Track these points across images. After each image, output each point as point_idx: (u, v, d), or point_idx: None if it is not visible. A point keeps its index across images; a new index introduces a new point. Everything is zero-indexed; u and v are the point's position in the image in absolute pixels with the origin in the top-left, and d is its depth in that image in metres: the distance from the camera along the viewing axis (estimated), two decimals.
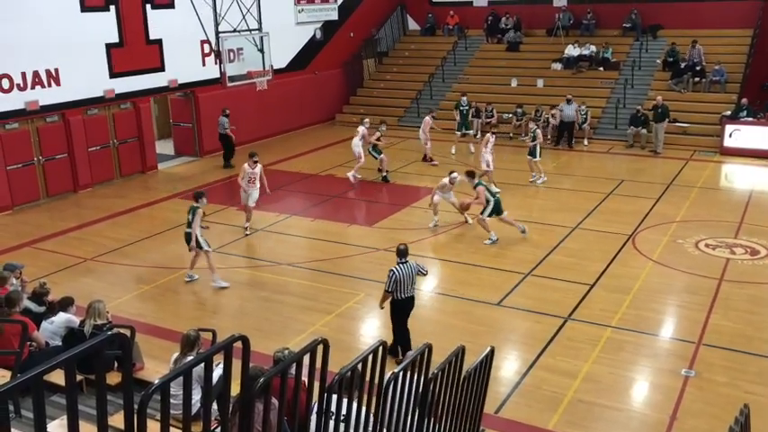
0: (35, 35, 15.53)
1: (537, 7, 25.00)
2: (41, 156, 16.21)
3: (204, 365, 2.99)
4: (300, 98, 23.47)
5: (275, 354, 6.08)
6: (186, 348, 6.32)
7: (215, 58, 17.72)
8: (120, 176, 18.08)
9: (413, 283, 8.71)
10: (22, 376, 2.35)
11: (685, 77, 21.57)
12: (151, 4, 18.28)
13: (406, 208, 15.39)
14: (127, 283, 11.79)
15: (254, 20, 16.50)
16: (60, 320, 7.40)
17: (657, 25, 23.79)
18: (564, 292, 10.84)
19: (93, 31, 16.89)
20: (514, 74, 24.15)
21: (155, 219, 15.05)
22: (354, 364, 4.00)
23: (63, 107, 16.48)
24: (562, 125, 20.65)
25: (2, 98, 15.21)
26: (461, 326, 9.83)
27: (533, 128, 17.30)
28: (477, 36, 26.51)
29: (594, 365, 8.67)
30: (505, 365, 8.79)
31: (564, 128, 20.67)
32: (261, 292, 11.21)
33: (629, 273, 11.51)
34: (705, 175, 17.53)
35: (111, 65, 17.49)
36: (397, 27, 28.24)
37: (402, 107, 24.73)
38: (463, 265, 12.10)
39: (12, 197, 15.58)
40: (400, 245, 8.87)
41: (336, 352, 4.70)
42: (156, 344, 9.03)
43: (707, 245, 12.67)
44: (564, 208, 14.98)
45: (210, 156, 20.44)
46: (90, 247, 13.24)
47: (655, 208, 14.86)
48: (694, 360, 8.74)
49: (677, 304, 10.53)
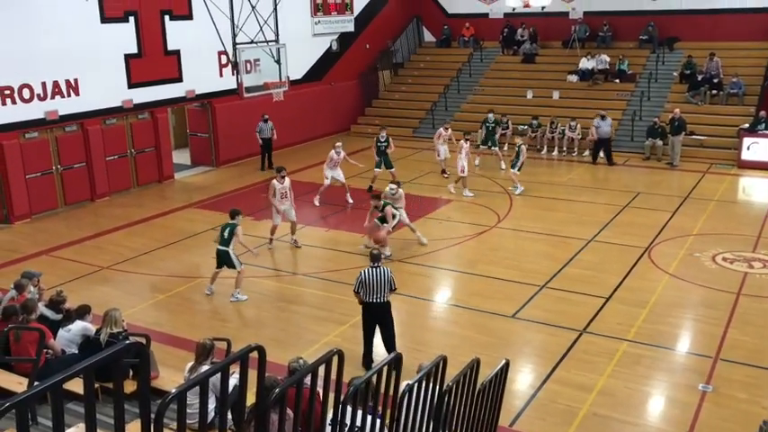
0: (56, 46, 15.74)
1: (553, 19, 24.99)
2: (60, 165, 16.38)
3: (221, 375, 3.00)
4: (316, 109, 23.57)
5: (290, 364, 6.10)
6: (201, 357, 6.34)
7: (232, 70, 17.85)
8: (136, 186, 18.23)
9: (383, 290, 8.68)
10: (41, 384, 2.37)
11: (702, 90, 21.45)
12: (170, 16, 18.48)
13: (421, 219, 15.37)
14: (142, 291, 11.86)
15: (272, 31, 16.62)
16: (77, 328, 7.45)
17: (674, 38, 23.71)
18: (579, 304, 10.77)
19: (113, 42, 17.10)
20: (530, 86, 24.12)
21: (170, 228, 15.14)
22: (369, 375, 3.99)
23: (82, 117, 16.67)
24: (599, 141, 19.93)
25: (22, 108, 15.41)
26: (476, 338, 9.79)
27: (519, 143, 17.09)
28: (493, 48, 26.53)
29: (610, 379, 8.59)
30: (520, 378, 8.74)
31: (601, 144, 19.94)
32: (275, 301, 11.24)
33: (646, 286, 11.42)
34: (722, 188, 17.39)
35: (130, 75, 17.68)
36: (412, 39, 28.33)
37: (417, 118, 24.77)
38: (478, 277, 12.06)
39: (30, 205, 15.75)
40: (373, 250, 9.21)
41: (350, 362, 4.69)
42: (171, 353, 9.07)
43: (724, 258, 12.55)
44: (580, 220, 14.91)
45: (226, 166, 20.57)
46: (106, 256, 13.34)
47: (671, 221, 14.76)
48: (712, 375, 8.65)
49: (694, 318, 10.43)
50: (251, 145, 20.64)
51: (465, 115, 23.99)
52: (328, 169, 16.34)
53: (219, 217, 15.54)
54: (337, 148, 16.28)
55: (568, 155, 21.19)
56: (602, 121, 19.86)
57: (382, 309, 8.77)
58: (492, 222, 14.95)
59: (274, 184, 13.18)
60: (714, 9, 23.03)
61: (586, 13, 24.95)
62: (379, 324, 8.85)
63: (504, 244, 13.86)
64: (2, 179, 15.33)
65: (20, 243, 14.25)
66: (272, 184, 13.29)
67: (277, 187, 13.16)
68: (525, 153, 17.03)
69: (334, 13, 24.32)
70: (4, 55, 14.84)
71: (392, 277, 8.72)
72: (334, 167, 16.32)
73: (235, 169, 20.31)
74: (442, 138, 18.55)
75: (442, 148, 18.57)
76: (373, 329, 8.88)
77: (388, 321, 8.85)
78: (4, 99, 15.07)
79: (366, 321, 8.89)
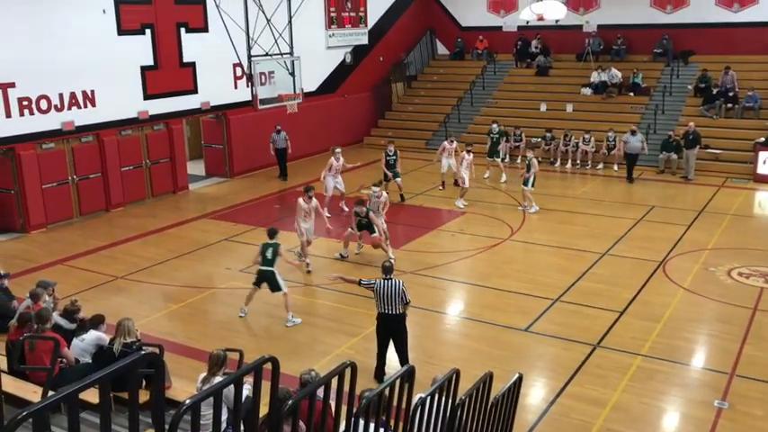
0: (73, 57, 15.93)
1: (566, 33, 24.99)
2: (75, 175, 16.53)
3: (234, 386, 3.01)
4: (330, 121, 23.67)
5: (302, 375, 6.09)
6: (215, 368, 6.36)
7: (247, 81, 17.94)
8: (151, 196, 18.35)
9: (396, 302, 8.67)
10: (58, 393, 2.39)
11: (717, 103, 21.35)
12: (185, 28, 18.66)
13: (433, 231, 15.37)
14: (156, 301, 11.91)
15: (286, 44, 16.72)
16: (91, 338, 7.49)
17: (689, 51, 23.64)
18: (593, 318, 10.71)
19: (129, 54, 17.28)
20: (543, 98, 24.12)
21: (184, 238, 15.22)
22: (382, 388, 3.99)
23: (98, 128, 16.83)
24: (628, 157, 19.52)
25: (40, 118, 15.59)
26: (488, 351, 9.74)
27: (530, 156, 16.57)
28: (507, 61, 26.56)
29: (624, 394, 8.52)
30: (533, 392, 8.68)
31: (631, 160, 19.49)
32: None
33: (660, 300, 11.34)
34: (738, 203, 17.26)
35: (146, 87, 17.86)
36: (426, 51, 28.43)
37: (430, 130, 24.81)
38: (490, 290, 12.02)
39: (46, 215, 15.89)
40: (385, 261, 9.16)
41: (362, 375, 4.69)
42: (183, 363, 9.09)
43: (740, 273, 12.44)
44: (593, 234, 14.84)
45: (240, 177, 20.67)
46: (121, 266, 13.42)
47: (686, 235, 14.65)
48: (727, 391, 8.55)
49: (709, 333, 10.33)
50: (265, 156, 20.74)
51: (478, 128, 23.97)
52: (329, 178, 16.25)
53: (233, 228, 15.67)
54: (337, 154, 16.22)
55: (582, 168, 21.13)
56: (631, 136, 19.41)
57: (396, 320, 8.75)
58: (505, 235, 14.91)
59: (301, 204, 12.91)
60: (729, 23, 22.97)
61: (600, 27, 24.94)
62: (393, 336, 8.83)
63: (517, 257, 13.82)
64: (19, 189, 15.49)
65: (35, 252, 14.37)
66: (298, 202, 13.01)
67: (303, 207, 12.88)
68: (537, 166, 16.44)
69: (348, 26, 24.46)
70: (23, 66, 15.03)
71: (404, 290, 8.70)
72: (335, 175, 16.28)
73: (249, 180, 20.41)
74: (447, 151, 18.35)
75: (445, 162, 18.37)
76: (387, 342, 8.87)
77: (401, 334, 8.84)
78: (22, 110, 15.25)
79: (380, 333, 8.88)
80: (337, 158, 16.19)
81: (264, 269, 10.64)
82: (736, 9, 22.93)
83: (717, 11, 23.16)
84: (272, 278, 10.63)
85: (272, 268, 10.61)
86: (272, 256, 10.61)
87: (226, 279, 12.75)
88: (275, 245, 10.71)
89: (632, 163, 19.51)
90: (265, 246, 10.72)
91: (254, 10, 15.77)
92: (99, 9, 16.47)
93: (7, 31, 14.67)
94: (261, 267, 10.67)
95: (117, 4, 16.82)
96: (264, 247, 10.70)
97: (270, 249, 10.64)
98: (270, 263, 10.61)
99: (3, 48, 14.64)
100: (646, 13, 24.21)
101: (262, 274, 10.69)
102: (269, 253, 10.62)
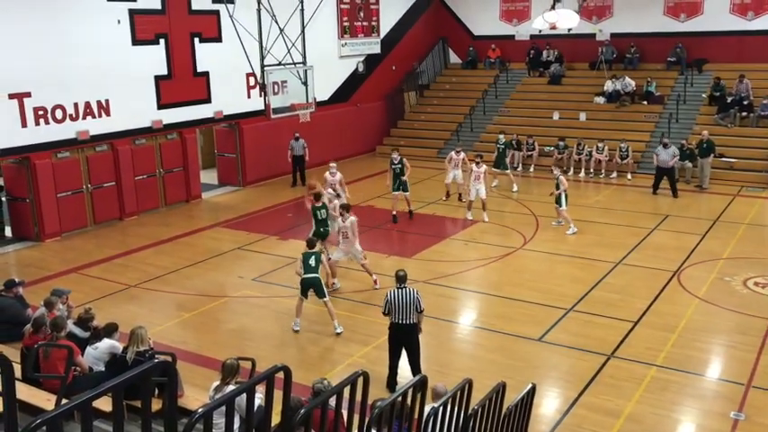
0: (88, 67, 16.09)
1: (579, 41, 24.96)
2: (90, 184, 16.65)
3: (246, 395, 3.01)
4: (342, 130, 23.74)
5: (314, 384, 6.09)
6: (228, 378, 6.36)
7: (260, 91, 18.07)
8: (164, 205, 18.45)
9: (410, 310, 8.64)
10: (72, 401, 2.39)
11: (732, 112, 21.23)
12: (199, 38, 18.80)
13: (445, 240, 15.34)
14: (169, 310, 11.95)
15: (299, 53, 16.82)
16: (104, 346, 7.52)
17: (703, 59, 23.53)
18: (607, 328, 10.63)
19: (143, 64, 17.43)
20: (556, 107, 24.08)
21: (198, 247, 15.28)
22: (394, 398, 3.97)
23: (112, 137, 16.96)
24: (659, 171, 18.77)
25: (55, 128, 15.73)
26: (501, 361, 9.69)
27: (556, 173, 15.75)
28: (519, 69, 26.56)
29: (638, 405, 8.44)
30: (546, 403, 8.62)
31: (661, 173, 18.76)
32: (300, 321, 11.23)
33: (675, 310, 11.24)
34: (753, 212, 17.11)
35: (160, 96, 17.99)
36: (438, 60, 28.48)
37: (442, 139, 24.81)
38: (503, 299, 11.97)
39: (60, 224, 16.00)
40: (399, 271, 8.96)
41: (374, 384, 4.67)
42: (196, 371, 9.10)
43: (756, 283, 12.32)
44: (607, 243, 14.75)
45: (253, 185, 20.76)
46: (134, 274, 13.49)
47: (701, 244, 14.54)
48: (744, 403, 8.45)
49: (725, 344, 10.22)
50: (277, 165, 20.82)
51: (491, 137, 23.92)
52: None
53: (246, 237, 15.71)
54: (331, 168, 15.47)
55: (595, 177, 21.05)
56: (663, 149, 18.76)
57: (409, 330, 8.73)
58: (518, 244, 14.86)
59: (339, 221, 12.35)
60: (743, 30, 22.85)
61: (613, 35, 24.90)
62: (405, 346, 8.80)
63: (529, 266, 13.76)
64: (34, 198, 15.62)
65: (50, 261, 14.48)
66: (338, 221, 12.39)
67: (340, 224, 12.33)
68: (565, 183, 15.50)
69: (361, 36, 24.56)
70: (39, 76, 15.19)
71: (418, 298, 8.68)
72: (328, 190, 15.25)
73: (261, 189, 20.48)
74: (453, 161, 17.84)
75: (452, 173, 17.81)
76: (399, 351, 8.84)
77: (414, 343, 8.81)
78: (38, 119, 15.40)
79: (392, 343, 8.85)
80: (332, 173, 15.41)
81: (310, 277, 10.73)
82: (750, 17, 22.81)
83: (731, 19, 23.05)
84: (318, 284, 10.77)
85: (317, 275, 10.75)
86: (315, 263, 10.77)
87: (238, 288, 12.78)
88: (317, 253, 10.92)
89: (660, 176, 18.74)
90: (307, 255, 10.84)
91: (268, 20, 15.88)
92: (114, 19, 16.63)
93: (23, 42, 14.85)
94: (305, 276, 10.75)
95: (131, 15, 16.98)
96: (307, 257, 10.82)
97: (312, 257, 10.80)
98: (314, 270, 10.74)
99: (18, 58, 14.80)
100: (659, 21, 24.15)
101: (307, 282, 10.76)
102: (312, 261, 10.76)
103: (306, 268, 10.71)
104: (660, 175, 18.81)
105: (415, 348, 8.82)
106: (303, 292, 10.81)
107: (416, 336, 8.81)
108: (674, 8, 23.96)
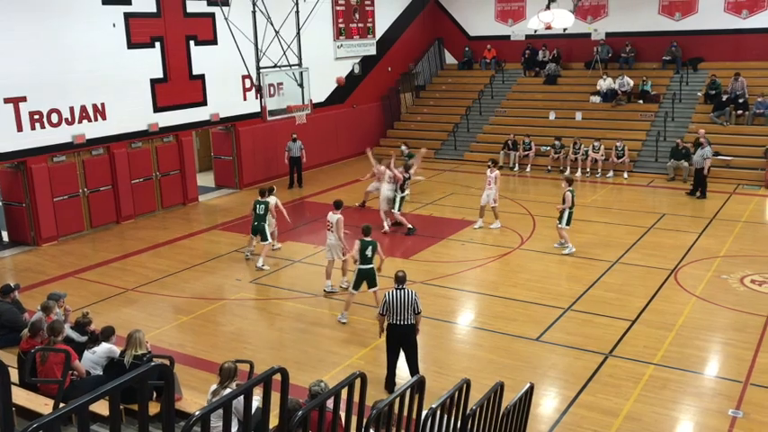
0: (84, 71, 16.07)
1: (575, 41, 25.02)
2: (86, 188, 16.62)
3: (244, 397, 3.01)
4: (338, 131, 23.74)
5: (311, 387, 6.08)
6: (226, 380, 6.35)
7: (256, 93, 18.04)
8: (161, 208, 18.43)
9: (407, 312, 8.63)
10: (68, 405, 2.39)
11: (727, 110, 21.27)
12: (195, 41, 18.78)
13: (443, 240, 15.34)
14: (166, 313, 11.93)
15: (295, 55, 16.81)
16: (102, 350, 7.51)
17: (698, 58, 23.59)
18: (605, 327, 10.64)
19: (139, 67, 17.41)
20: (552, 107, 24.11)
21: (195, 250, 15.26)
22: (392, 398, 3.97)
23: (108, 140, 16.93)
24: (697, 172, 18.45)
25: (51, 132, 15.70)
26: (499, 361, 9.70)
27: (564, 187, 14.23)
28: (515, 69, 26.60)
29: (637, 404, 8.45)
30: (545, 402, 8.62)
31: (696, 175, 18.48)
32: (298, 323, 11.24)
33: (672, 309, 11.26)
34: (750, 210, 17.15)
35: (156, 99, 17.97)
36: (434, 61, 28.51)
37: (439, 140, 24.83)
38: (501, 299, 11.97)
39: (57, 228, 15.97)
40: (398, 272, 8.94)
41: (372, 385, 4.67)
42: (194, 374, 9.10)
43: (753, 281, 12.34)
44: (604, 242, 14.77)
45: (250, 188, 20.73)
46: (131, 278, 13.47)
47: (697, 242, 14.56)
48: (741, 400, 8.46)
49: (722, 342, 10.24)
50: (274, 167, 20.81)
51: (487, 137, 24.03)
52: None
53: (243, 239, 15.67)
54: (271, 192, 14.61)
55: (592, 176, 21.08)
56: (700, 149, 18.37)
57: (407, 331, 8.73)
58: (515, 244, 14.87)
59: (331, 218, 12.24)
60: (738, 29, 22.91)
61: (608, 34, 24.96)
62: (403, 347, 8.81)
63: (527, 266, 13.76)
64: (30, 202, 15.59)
65: (46, 265, 14.45)
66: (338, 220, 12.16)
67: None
68: (569, 201, 13.92)
69: (357, 37, 24.57)
70: (34, 80, 15.16)
71: (416, 300, 8.68)
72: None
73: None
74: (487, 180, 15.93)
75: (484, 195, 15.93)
76: (397, 352, 8.84)
77: (411, 344, 8.81)
78: (34, 124, 15.37)
79: (390, 344, 8.85)
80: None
81: (366, 267, 10.79)
82: (744, 15, 22.87)
83: (725, 17, 23.11)
84: (372, 275, 10.81)
85: (372, 266, 10.81)
86: (372, 253, 10.77)
87: (236, 290, 12.77)
88: (373, 242, 10.85)
89: (697, 177, 18.37)
90: (364, 244, 10.77)
91: (263, 22, 15.87)
92: (109, 23, 16.60)
93: (18, 46, 14.81)
94: (361, 266, 10.78)
95: (127, 18, 16.95)
96: (363, 246, 10.75)
97: (369, 247, 10.77)
98: (370, 261, 10.78)
99: (14, 62, 14.77)
100: (654, 20, 24.20)
101: (363, 273, 10.80)
102: (368, 251, 10.73)
103: (362, 258, 10.72)
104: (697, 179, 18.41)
105: (413, 349, 8.82)
106: (357, 284, 10.86)
107: (414, 337, 8.81)
108: (669, 7, 24.01)
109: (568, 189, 14.05)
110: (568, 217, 14.05)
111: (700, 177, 18.34)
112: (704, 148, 18.38)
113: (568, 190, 14.03)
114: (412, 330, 8.75)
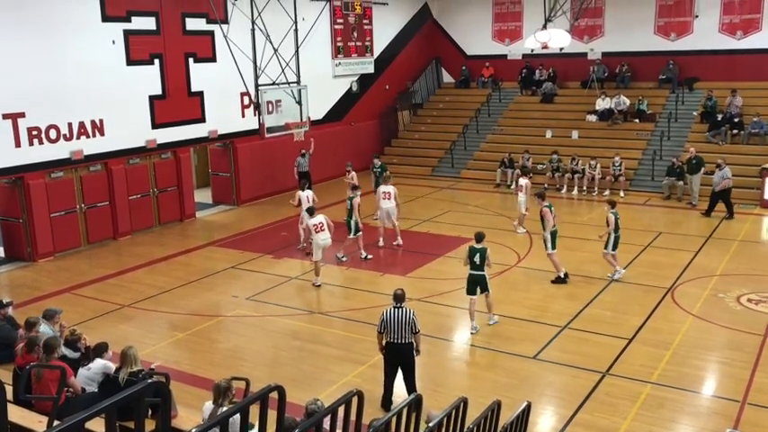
0: (82, 87, 16.11)
1: (571, 60, 25.19)
2: (83, 203, 16.61)
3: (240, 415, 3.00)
4: (336, 148, 23.81)
5: (308, 406, 6.06)
6: (219, 399, 6.32)
7: (254, 110, 18.14)
8: (158, 224, 18.41)
9: (405, 330, 8.61)
10: (63, 423, 2.38)
11: (723, 130, 21.39)
12: (194, 58, 18.88)
13: (440, 258, 15.34)
14: (162, 330, 11.89)
15: (293, 73, 16.92)
16: (97, 367, 7.48)
17: (694, 78, 23.76)
18: (602, 346, 10.62)
19: (138, 84, 17.47)
20: (549, 125, 24.23)
21: (192, 266, 15.24)
22: (389, 417, 3.96)
23: (106, 156, 16.95)
24: (713, 192, 18.25)
25: (49, 148, 15.71)
26: (496, 379, 9.67)
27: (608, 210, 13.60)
28: (512, 88, 26.75)
29: (634, 423, 8.42)
30: (541, 421, 8.59)
31: (716, 196, 18.16)
32: (294, 341, 11.20)
33: (669, 327, 11.25)
34: (746, 228, 17.19)
35: (154, 116, 18.02)
36: (431, 80, 28.68)
37: (436, 158, 24.91)
38: (498, 317, 11.94)
39: (54, 244, 15.94)
40: (397, 290, 8.95)
41: (369, 403, 4.66)
42: (190, 392, 9.04)
43: (749, 300, 12.34)
44: (601, 260, 14.73)
45: (247, 204, 20.75)
46: (128, 294, 13.43)
47: (694, 261, 14.59)
48: (739, 420, 8.44)
49: (719, 361, 10.23)
50: (272, 184, 20.82)
51: (484, 155, 24.12)
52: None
53: (240, 255, 15.68)
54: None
55: (588, 194, 21.13)
56: (719, 170, 18.14)
57: (404, 349, 8.70)
58: (512, 262, 14.88)
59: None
60: (733, 49, 23.11)
61: (605, 54, 25.14)
62: (401, 365, 8.78)
63: (524, 284, 13.76)
64: (27, 218, 15.57)
65: (43, 281, 14.41)
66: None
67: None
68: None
69: (355, 56, 24.72)
70: (33, 96, 15.19)
71: (414, 319, 8.65)
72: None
73: (256, 208, 20.47)
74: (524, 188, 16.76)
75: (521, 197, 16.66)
76: (394, 370, 8.81)
77: (409, 362, 8.78)
78: (32, 139, 15.39)
79: (387, 362, 8.82)
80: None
81: (477, 274, 11.01)
82: (739, 36, 23.08)
83: (720, 38, 23.32)
84: (483, 281, 11.02)
85: (483, 272, 11.00)
86: (481, 260, 10.94)
87: (233, 307, 12.74)
88: (483, 249, 11.01)
89: (725, 198, 18.09)
90: (472, 251, 11.01)
91: (262, 40, 15.99)
92: (108, 40, 16.69)
93: (17, 62, 14.86)
94: (472, 272, 10.99)
95: (126, 35, 17.04)
96: (472, 252, 11.00)
97: (478, 254, 10.95)
98: (480, 267, 10.97)
99: (13, 78, 14.82)
100: (650, 40, 24.40)
101: (474, 279, 11.03)
102: (477, 258, 10.93)
103: (472, 265, 10.96)
104: (715, 198, 18.22)
105: (411, 367, 8.79)
106: (471, 289, 11.05)
107: (412, 355, 8.78)
108: (665, 27, 24.22)
109: (611, 211, 13.40)
110: (614, 242, 13.40)
111: (717, 198, 18.09)
112: (722, 169, 18.20)
113: (611, 212, 13.39)
114: (410, 349, 8.72)
